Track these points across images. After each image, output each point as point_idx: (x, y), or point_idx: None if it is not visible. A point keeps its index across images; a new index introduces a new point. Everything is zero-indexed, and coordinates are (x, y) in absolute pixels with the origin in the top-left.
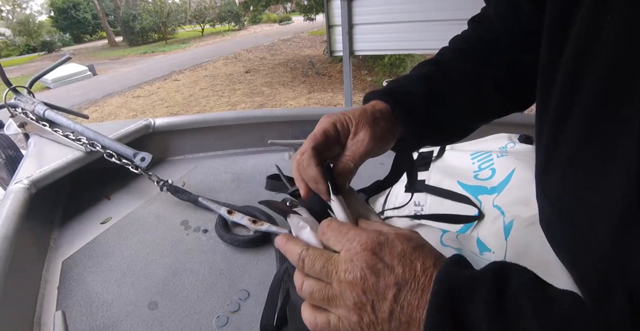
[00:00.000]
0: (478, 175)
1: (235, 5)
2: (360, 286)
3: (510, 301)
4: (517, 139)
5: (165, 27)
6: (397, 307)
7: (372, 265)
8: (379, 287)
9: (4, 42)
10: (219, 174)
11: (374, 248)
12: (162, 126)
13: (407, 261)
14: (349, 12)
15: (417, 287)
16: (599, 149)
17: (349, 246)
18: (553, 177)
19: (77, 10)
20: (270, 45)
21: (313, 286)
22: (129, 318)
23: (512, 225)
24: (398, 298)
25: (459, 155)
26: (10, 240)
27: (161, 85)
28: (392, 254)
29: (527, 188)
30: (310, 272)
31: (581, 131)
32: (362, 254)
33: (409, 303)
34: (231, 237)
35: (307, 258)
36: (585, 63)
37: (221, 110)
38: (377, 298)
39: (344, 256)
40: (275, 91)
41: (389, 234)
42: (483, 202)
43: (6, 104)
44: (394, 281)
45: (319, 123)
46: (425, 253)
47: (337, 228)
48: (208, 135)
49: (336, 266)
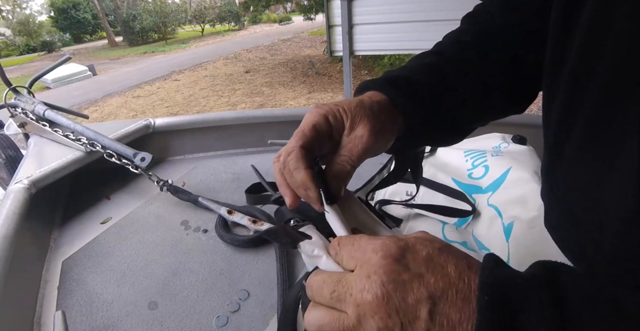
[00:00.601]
0: (472, 173)
1: (235, 5)
2: (383, 308)
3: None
4: (510, 139)
5: (165, 27)
6: (436, 326)
7: (395, 278)
8: (407, 304)
9: (4, 42)
10: (219, 174)
11: (393, 255)
12: (162, 126)
13: (437, 266)
14: (349, 12)
15: (455, 297)
16: (608, 145)
17: (363, 259)
18: (561, 173)
19: (77, 10)
20: (270, 45)
21: (322, 318)
22: (129, 318)
23: (512, 227)
24: (434, 314)
25: (452, 153)
26: (10, 240)
27: (161, 85)
28: (417, 260)
29: (524, 187)
30: (321, 300)
31: (587, 129)
32: (380, 265)
33: (448, 319)
34: (231, 237)
35: (314, 283)
36: (591, 61)
37: (221, 110)
38: (407, 318)
39: (358, 273)
40: (275, 91)
41: (407, 239)
42: (477, 200)
43: (6, 104)
44: (426, 294)
45: (307, 115)
46: (454, 255)
47: (350, 244)
48: (208, 135)
49: (349, 287)
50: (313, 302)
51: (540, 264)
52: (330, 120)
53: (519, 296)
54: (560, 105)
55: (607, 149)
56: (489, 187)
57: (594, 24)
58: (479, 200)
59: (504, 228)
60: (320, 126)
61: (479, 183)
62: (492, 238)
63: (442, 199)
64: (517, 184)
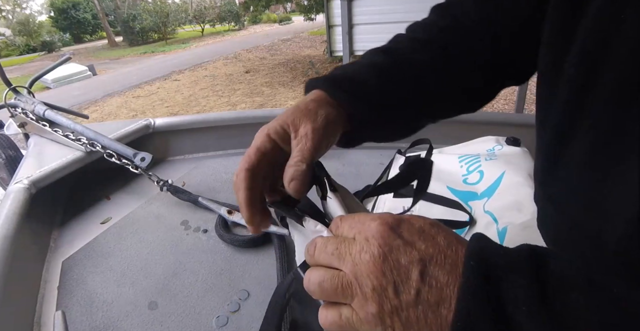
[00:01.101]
0: (467, 179)
1: (235, 5)
2: (379, 267)
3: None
4: (504, 141)
5: (165, 27)
6: (425, 286)
7: (390, 242)
8: (400, 265)
9: (4, 42)
10: (219, 174)
11: (390, 223)
12: (162, 126)
13: (428, 236)
14: (349, 12)
15: (444, 261)
16: (614, 148)
17: (362, 227)
18: (560, 178)
19: (77, 10)
20: (270, 45)
21: (323, 275)
22: (129, 318)
23: (506, 231)
24: (424, 275)
25: (446, 159)
26: (10, 240)
27: (161, 85)
28: (411, 230)
29: (518, 191)
30: (320, 258)
31: (593, 134)
32: (378, 230)
33: (437, 281)
34: (231, 237)
35: (319, 242)
36: (595, 66)
37: (221, 110)
38: (400, 278)
39: (359, 238)
40: (275, 91)
41: (402, 215)
42: (474, 207)
43: (6, 104)
44: (418, 256)
45: (254, 139)
46: (444, 230)
47: (351, 218)
48: (208, 135)
49: (349, 248)
50: (314, 265)
51: (526, 244)
52: (273, 137)
53: (502, 263)
54: (559, 110)
55: (611, 154)
56: (484, 193)
57: (597, 29)
58: (475, 208)
59: (498, 233)
60: (264, 148)
61: (474, 189)
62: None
63: (438, 211)
64: (511, 189)
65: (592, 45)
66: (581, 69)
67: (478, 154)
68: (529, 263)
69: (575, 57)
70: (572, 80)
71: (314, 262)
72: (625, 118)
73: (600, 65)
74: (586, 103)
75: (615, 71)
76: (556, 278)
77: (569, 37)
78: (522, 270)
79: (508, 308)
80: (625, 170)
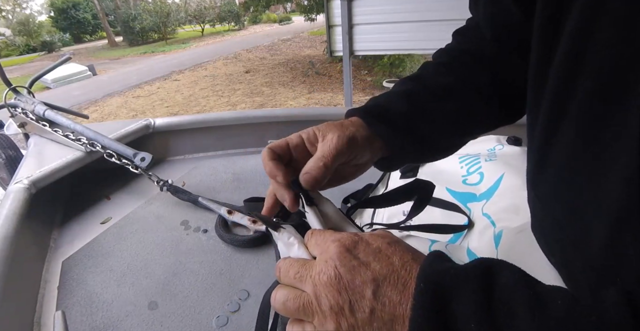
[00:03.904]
0: (467, 180)
1: (235, 5)
2: (335, 287)
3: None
4: (505, 141)
5: (165, 27)
6: (378, 304)
7: (346, 263)
8: (355, 285)
9: (4, 42)
10: (219, 174)
11: (347, 245)
12: (162, 126)
13: (384, 256)
14: (349, 12)
15: (397, 281)
16: (593, 152)
17: (324, 247)
18: (546, 180)
19: (77, 10)
20: (270, 45)
21: (287, 295)
22: (129, 318)
23: (501, 234)
24: (377, 294)
25: (447, 159)
26: (10, 240)
27: (161, 85)
28: (367, 251)
29: (517, 194)
30: (285, 280)
31: (575, 133)
32: (335, 252)
33: (389, 300)
34: (231, 237)
35: (282, 266)
36: (579, 64)
37: (221, 110)
38: (354, 297)
39: (319, 259)
40: (275, 91)
41: (363, 234)
42: (472, 209)
43: (6, 104)
44: (371, 276)
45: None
46: (402, 249)
47: (319, 234)
48: (208, 135)
49: (310, 270)
50: (280, 284)
51: (481, 259)
52: (303, 136)
53: (452, 284)
54: (546, 111)
55: (594, 155)
56: (484, 195)
57: (582, 27)
58: (474, 209)
59: (494, 236)
60: (291, 139)
61: (473, 190)
62: (484, 247)
63: (437, 214)
64: (510, 191)
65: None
66: (562, 74)
67: (478, 154)
68: (478, 282)
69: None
70: (554, 85)
71: (281, 282)
72: (601, 126)
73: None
74: (567, 109)
75: (591, 75)
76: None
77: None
78: (470, 290)
79: (458, 326)
80: (606, 175)
